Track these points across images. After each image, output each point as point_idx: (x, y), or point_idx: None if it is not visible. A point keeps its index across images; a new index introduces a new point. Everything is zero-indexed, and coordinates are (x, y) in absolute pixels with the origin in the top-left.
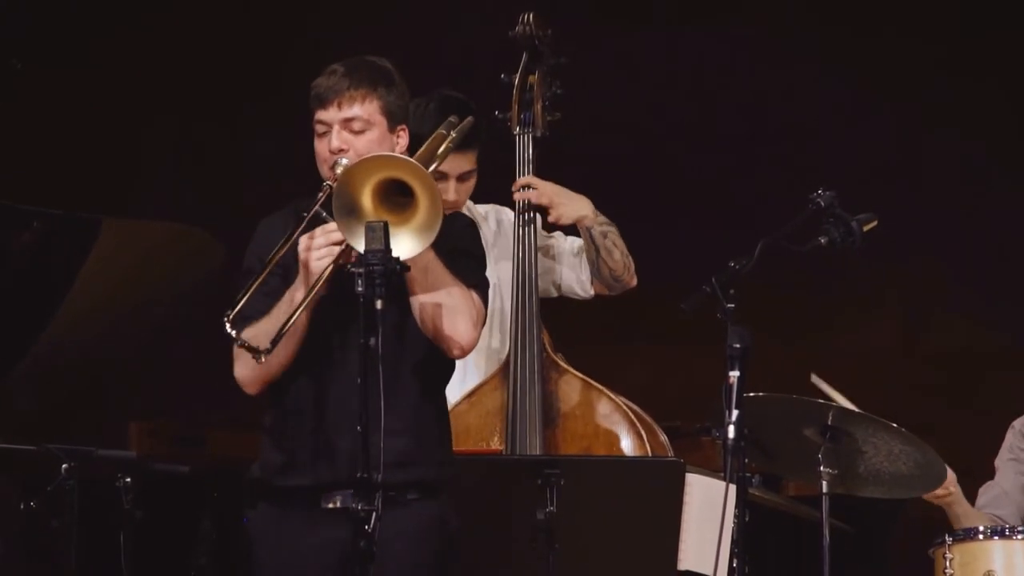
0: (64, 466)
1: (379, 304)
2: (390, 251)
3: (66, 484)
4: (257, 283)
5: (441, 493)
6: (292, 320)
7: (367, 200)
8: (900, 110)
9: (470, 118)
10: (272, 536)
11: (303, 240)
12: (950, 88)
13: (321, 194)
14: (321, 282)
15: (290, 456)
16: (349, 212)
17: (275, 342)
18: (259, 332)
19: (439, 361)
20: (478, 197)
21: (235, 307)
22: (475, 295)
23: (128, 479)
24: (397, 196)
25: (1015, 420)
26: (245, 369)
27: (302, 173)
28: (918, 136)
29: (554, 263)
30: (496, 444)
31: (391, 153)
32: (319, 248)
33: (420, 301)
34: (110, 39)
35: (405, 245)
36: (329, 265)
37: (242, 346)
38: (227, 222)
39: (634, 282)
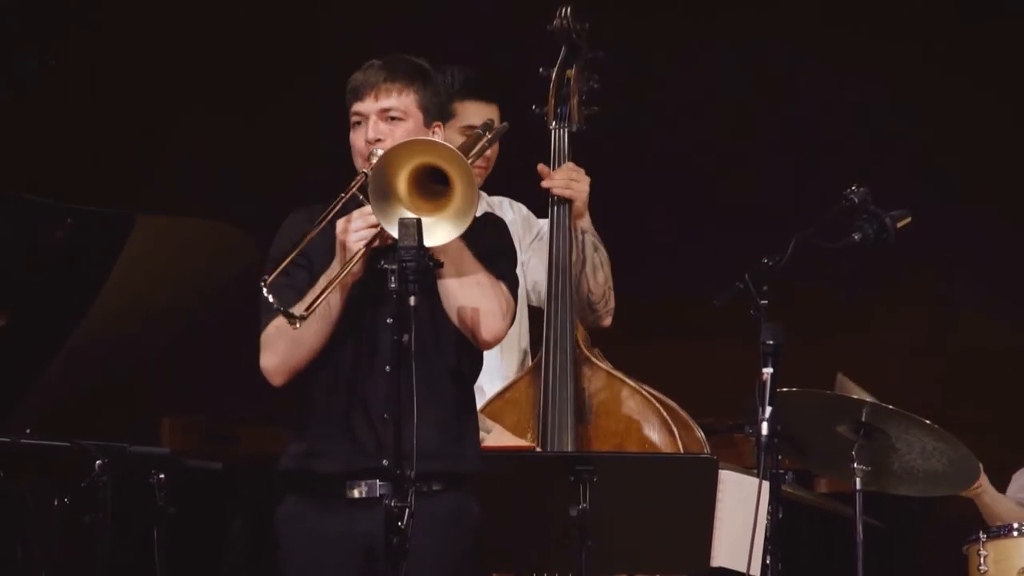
0: (98, 462)
1: (412, 301)
2: (424, 247)
3: (100, 480)
4: (294, 253)
5: (465, 485)
6: (326, 293)
7: (402, 185)
8: (932, 106)
9: (505, 123)
10: (299, 525)
11: (340, 223)
12: (982, 83)
13: (355, 182)
14: (357, 261)
15: (318, 444)
16: (384, 196)
17: (309, 310)
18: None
19: (469, 354)
20: (509, 192)
21: (273, 272)
22: (504, 287)
23: (161, 475)
24: (432, 184)
25: None
26: (273, 358)
27: (331, 169)
28: (947, 133)
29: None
30: (529, 440)
31: (432, 139)
32: (357, 230)
33: (449, 291)
34: (137, 34)
35: (437, 234)
36: (365, 247)
37: (278, 310)
38: (258, 218)
39: (607, 322)
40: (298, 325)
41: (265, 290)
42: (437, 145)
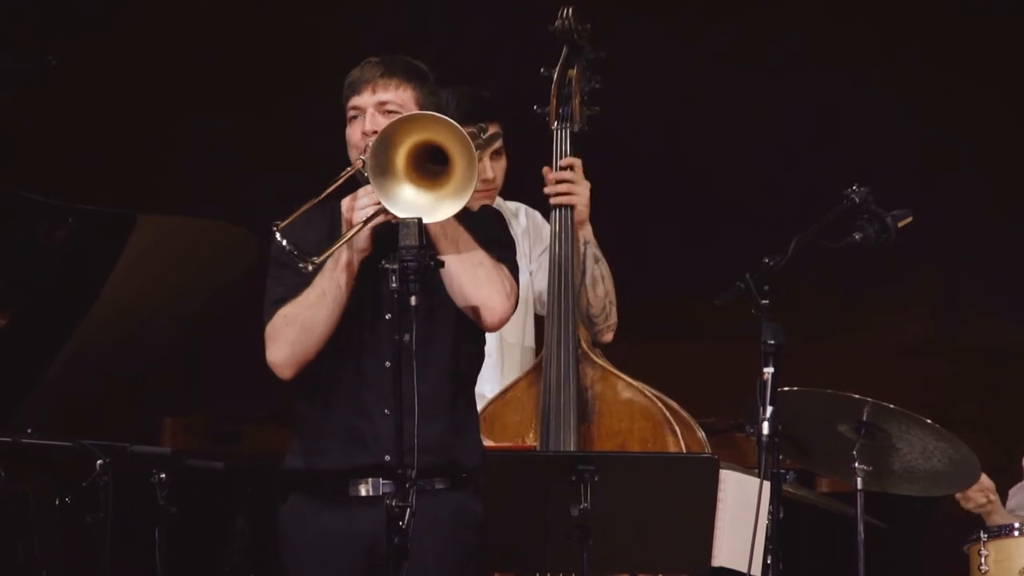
0: (99, 462)
1: (413, 301)
2: (424, 247)
3: (101, 480)
4: (306, 207)
5: (469, 483)
6: (333, 250)
7: (401, 161)
8: (932, 106)
9: (496, 130)
10: (302, 523)
11: (345, 201)
12: (985, 84)
13: (349, 168)
14: (360, 230)
15: (320, 441)
16: (383, 171)
17: (320, 259)
18: (295, 307)
19: (470, 348)
20: (512, 192)
21: (286, 219)
22: (505, 269)
23: (163, 475)
24: (432, 164)
25: None
26: (283, 349)
27: (331, 170)
28: (948, 133)
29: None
30: (531, 440)
31: (434, 113)
32: (363, 207)
33: (452, 272)
34: (140, 32)
35: (438, 211)
36: (372, 218)
37: (291, 252)
38: (258, 218)
39: (608, 337)
40: (310, 268)
41: (279, 235)
42: (438, 119)
